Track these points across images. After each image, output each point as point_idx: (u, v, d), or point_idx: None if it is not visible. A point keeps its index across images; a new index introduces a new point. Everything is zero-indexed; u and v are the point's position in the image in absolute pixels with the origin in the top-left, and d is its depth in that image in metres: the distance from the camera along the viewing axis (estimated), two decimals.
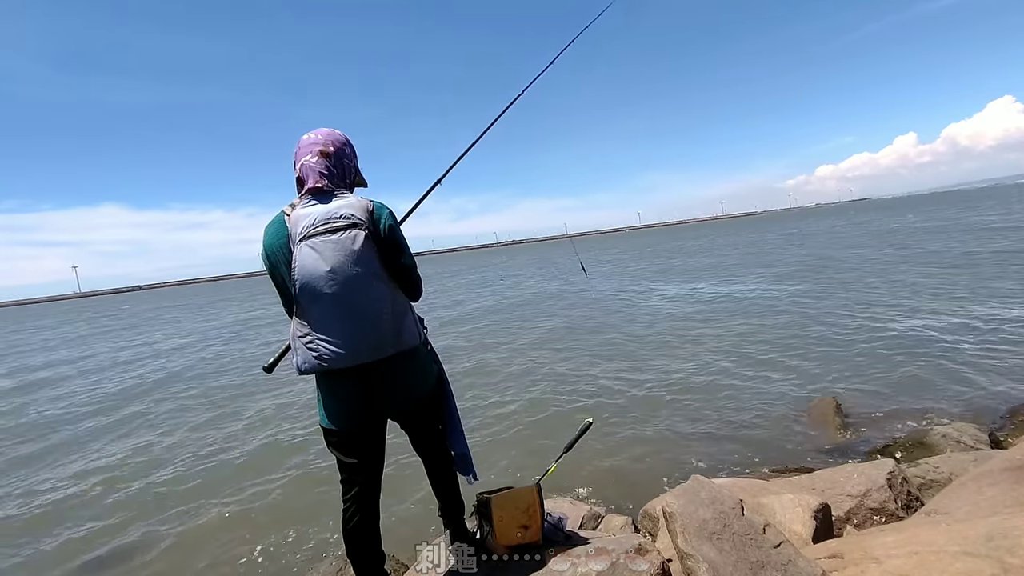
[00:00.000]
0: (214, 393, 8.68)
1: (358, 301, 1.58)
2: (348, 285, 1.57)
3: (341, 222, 1.58)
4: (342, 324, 1.58)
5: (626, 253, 39.65)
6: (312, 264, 1.56)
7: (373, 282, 1.60)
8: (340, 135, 1.78)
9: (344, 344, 1.58)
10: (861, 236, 27.12)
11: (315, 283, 1.56)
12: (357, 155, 1.84)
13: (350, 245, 1.57)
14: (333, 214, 1.59)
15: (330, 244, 1.56)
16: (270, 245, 1.66)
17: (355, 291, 1.57)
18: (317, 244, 1.56)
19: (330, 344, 1.58)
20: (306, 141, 1.74)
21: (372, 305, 1.60)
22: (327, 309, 1.58)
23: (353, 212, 1.61)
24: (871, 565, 1.82)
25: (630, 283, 18.39)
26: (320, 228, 1.58)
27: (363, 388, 1.68)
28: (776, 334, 8.10)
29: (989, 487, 2.35)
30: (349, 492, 1.83)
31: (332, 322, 1.58)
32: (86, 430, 7.27)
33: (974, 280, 10.37)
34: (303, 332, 1.62)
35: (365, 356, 1.61)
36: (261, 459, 5.39)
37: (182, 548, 3.84)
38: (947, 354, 6.11)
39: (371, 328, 1.60)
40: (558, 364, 7.94)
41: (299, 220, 1.60)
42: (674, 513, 1.99)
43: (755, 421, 4.93)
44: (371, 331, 1.60)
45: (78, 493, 5.01)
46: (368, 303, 1.59)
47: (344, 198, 1.67)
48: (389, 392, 1.72)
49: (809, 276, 14.18)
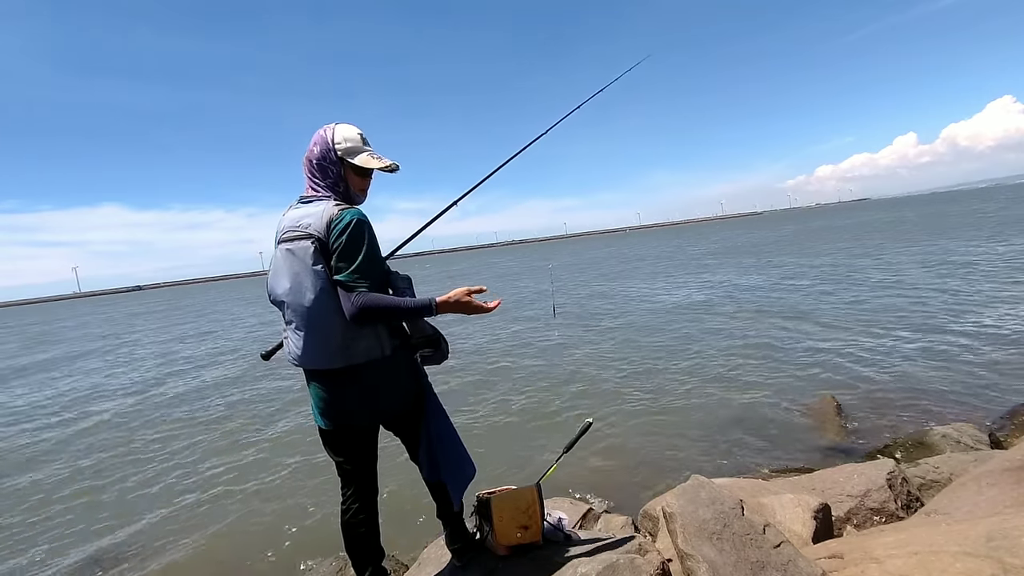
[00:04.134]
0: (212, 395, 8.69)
1: (310, 312, 1.61)
2: (299, 296, 1.61)
3: (299, 231, 1.63)
4: (295, 330, 1.66)
5: (622, 262, 39.56)
6: (275, 271, 1.69)
7: (319, 295, 1.59)
8: (319, 135, 1.72)
9: (299, 350, 1.67)
10: (860, 236, 27.12)
11: (275, 290, 1.68)
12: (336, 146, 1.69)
13: (304, 256, 1.60)
14: (295, 223, 1.66)
15: (289, 254, 1.64)
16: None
17: (306, 302, 1.60)
18: (280, 251, 1.67)
19: (293, 345, 1.68)
20: None
21: (322, 317, 1.60)
22: (287, 314, 1.67)
23: (312, 222, 1.61)
24: (871, 565, 1.81)
25: (629, 284, 18.39)
26: (284, 236, 1.67)
27: (328, 393, 1.73)
28: (776, 334, 8.10)
29: (989, 487, 2.34)
30: (345, 488, 1.89)
31: (292, 326, 1.68)
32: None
33: (973, 280, 10.38)
34: (283, 326, 1.75)
35: (316, 364, 1.67)
36: (261, 456, 5.40)
37: (181, 548, 3.83)
38: (947, 354, 6.10)
39: (318, 338, 1.63)
40: (558, 364, 7.94)
41: (280, 223, 1.73)
42: (674, 513, 1.99)
43: (755, 421, 4.92)
44: (318, 341, 1.63)
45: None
46: (318, 314, 1.60)
47: (315, 205, 1.66)
48: (352, 402, 1.72)
49: (809, 275, 14.20)
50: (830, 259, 18.01)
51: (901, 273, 12.55)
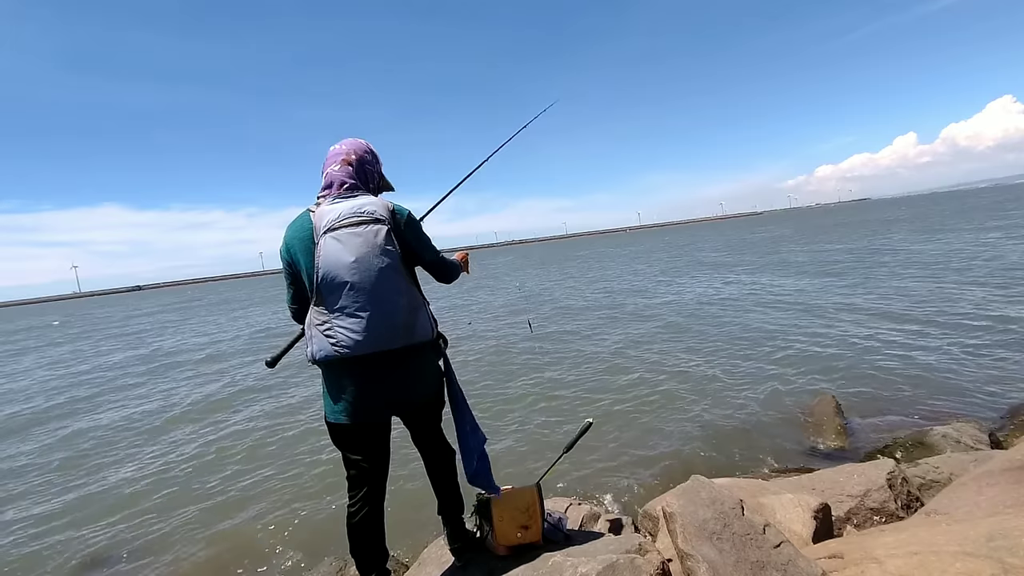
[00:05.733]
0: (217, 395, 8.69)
1: (377, 290, 1.65)
2: (369, 274, 1.64)
3: (365, 217, 1.68)
4: (361, 311, 1.65)
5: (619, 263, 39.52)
6: (336, 253, 1.65)
7: (392, 274, 1.67)
8: (363, 143, 1.91)
9: (361, 330, 1.65)
10: (861, 233, 27.14)
11: (337, 271, 1.64)
12: (380, 161, 1.96)
13: (372, 238, 1.66)
14: (358, 210, 1.70)
15: (354, 236, 1.66)
16: (292, 238, 1.77)
17: (375, 280, 1.65)
18: (341, 236, 1.66)
19: (347, 330, 1.65)
20: (333, 152, 1.87)
21: (389, 295, 1.67)
22: (348, 296, 1.65)
23: (376, 209, 1.72)
24: (871, 565, 1.82)
25: (626, 284, 18.40)
26: (345, 222, 1.67)
27: (369, 381, 1.72)
28: (776, 334, 8.10)
29: (989, 487, 2.35)
30: (354, 488, 1.85)
31: (352, 309, 1.65)
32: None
33: (972, 280, 10.38)
34: (321, 320, 1.68)
35: (381, 343, 1.67)
36: (261, 456, 5.40)
37: (181, 548, 3.84)
38: (947, 354, 6.11)
39: (388, 317, 1.67)
40: (557, 365, 7.95)
41: (324, 215, 1.70)
42: (674, 513, 1.99)
43: (755, 421, 4.93)
44: (387, 320, 1.66)
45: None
46: (386, 293, 1.66)
47: (365, 197, 1.79)
48: (394, 387, 1.76)
49: (809, 274, 14.20)
50: (829, 258, 18.01)
51: (901, 273, 12.55)
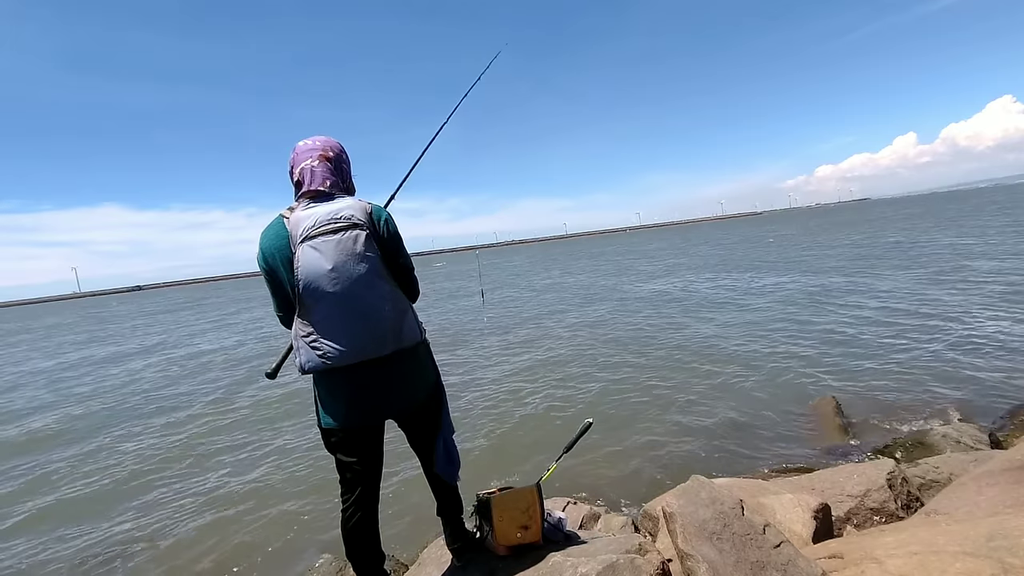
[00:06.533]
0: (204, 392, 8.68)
1: (360, 298, 1.60)
2: (350, 283, 1.59)
3: (343, 222, 1.61)
4: (344, 322, 1.60)
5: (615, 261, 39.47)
6: (315, 263, 1.59)
7: (375, 280, 1.62)
8: (336, 142, 1.83)
9: (347, 342, 1.60)
10: (861, 233, 27.13)
11: (318, 282, 1.59)
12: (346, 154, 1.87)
13: (351, 245, 1.60)
14: (335, 215, 1.62)
15: (332, 244, 1.59)
16: (268, 247, 1.68)
17: (357, 289, 1.60)
18: (319, 244, 1.59)
19: (333, 342, 1.60)
20: (304, 147, 1.77)
21: (374, 302, 1.62)
22: (330, 307, 1.60)
23: (354, 213, 1.64)
24: (871, 565, 1.81)
25: (624, 282, 18.39)
26: (322, 228, 1.60)
27: (363, 386, 1.69)
28: (775, 334, 8.11)
29: (989, 487, 2.34)
30: (349, 492, 1.83)
31: (335, 320, 1.60)
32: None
33: (972, 281, 10.37)
34: (306, 332, 1.64)
35: (368, 352, 1.63)
36: (261, 460, 5.40)
37: (181, 548, 3.84)
38: (947, 354, 6.11)
39: (373, 325, 1.62)
40: (557, 364, 7.94)
41: (300, 222, 1.62)
42: (674, 513, 1.99)
43: (755, 421, 4.93)
44: (373, 328, 1.62)
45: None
46: (370, 300, 1.61)
47: (343, 200, 1.70)
48: (388, 391, 1.73)
49: (809, 273, 14.20)
50: (829, 258, 18.01)
51: (901, 273, 12.55)
